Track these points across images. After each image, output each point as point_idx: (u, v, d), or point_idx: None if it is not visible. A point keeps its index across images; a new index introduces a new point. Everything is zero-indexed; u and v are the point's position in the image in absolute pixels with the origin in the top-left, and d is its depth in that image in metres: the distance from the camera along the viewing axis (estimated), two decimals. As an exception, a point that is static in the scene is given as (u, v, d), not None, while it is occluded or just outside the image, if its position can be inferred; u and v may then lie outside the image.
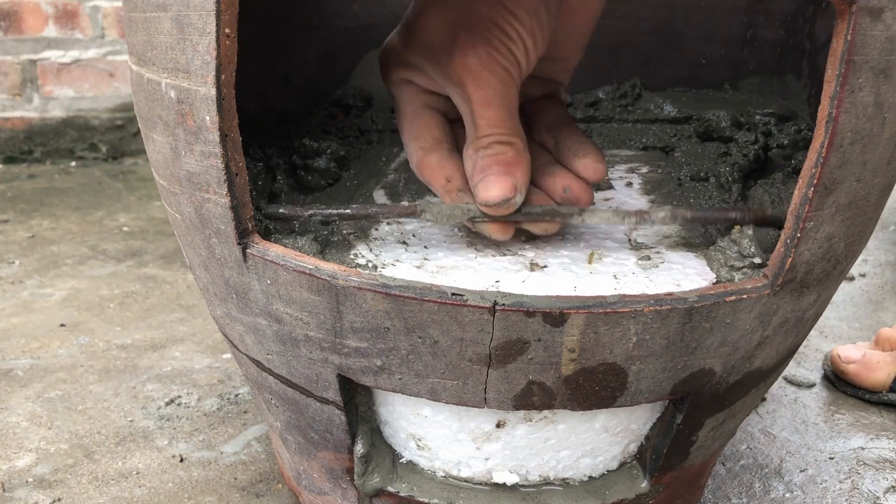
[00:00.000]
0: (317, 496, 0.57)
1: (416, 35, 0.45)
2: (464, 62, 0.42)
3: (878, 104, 0.38)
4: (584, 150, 0.47)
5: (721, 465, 0.69)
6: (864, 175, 0.40)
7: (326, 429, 0.50)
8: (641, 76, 0.79)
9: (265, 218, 0.47)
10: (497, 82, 0.43)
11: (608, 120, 0.76)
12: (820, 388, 0.83)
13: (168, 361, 0.86)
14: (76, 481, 0.65)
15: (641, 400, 0.45)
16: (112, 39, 1.69)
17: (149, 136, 0.46)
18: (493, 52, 0.42)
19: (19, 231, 1.28)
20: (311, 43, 0.74)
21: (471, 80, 0.43)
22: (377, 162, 0.64)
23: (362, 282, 0.41)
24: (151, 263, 1.15)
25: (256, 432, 0.73)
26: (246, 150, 0.45)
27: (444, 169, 0.47)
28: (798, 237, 0.40)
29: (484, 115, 0.43)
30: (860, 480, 0.67)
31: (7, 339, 0.90)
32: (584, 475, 0.51)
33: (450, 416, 0.48)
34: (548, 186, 0.47)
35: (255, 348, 0.49)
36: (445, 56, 0.44)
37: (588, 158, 0.46)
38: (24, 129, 1.68)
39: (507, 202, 0.43)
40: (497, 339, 0.41)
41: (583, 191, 0.46)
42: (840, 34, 0.36)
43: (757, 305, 0.43)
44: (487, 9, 0.42)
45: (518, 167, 0.43)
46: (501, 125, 0.43)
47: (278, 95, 0.72)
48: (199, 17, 0.38)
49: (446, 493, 0.50)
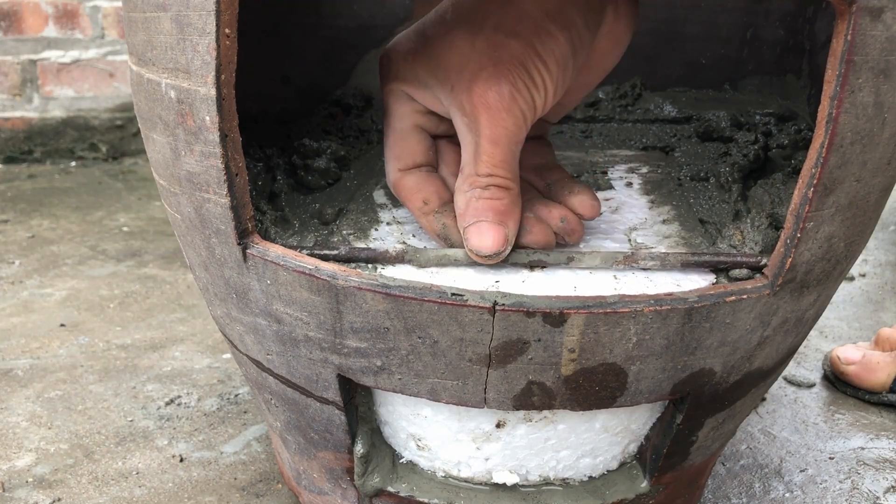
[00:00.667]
0: (317, 496, 0.57)
1: (434, 51, 0.44)
2: (484, 96, 0.42)
3: (878, 104, 0.38)
4: (579, 189, 0.47)
5: (721, 465, 0.69)
6: (864, 175, 0.40)
7: (326, 429, 0.50)
8: (641, 76, 0.79)
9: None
10: (512, 124, 0.42)
11: (608, 120, 0.76)
12: (820, 388, 0.83)
13: (168, 361, 0.86)
14: (76, 481, 0.65)
15: (641, 400, 0.45)
16: (112, 39, 1.69)
17: (149, 136, 0.46)
18: (515, 94, 0.42)
19: (19, 231, 1.28)
20: (311, 43, 0.74)
21: (485, 116, 0.42)
22: (377, 162, 0.64)
23: (362, 282, 0.41)
24: (151, 263, 1.15)
25: (256, 432, 0.73)
26: (246, 150, 0.45)
27: (421, 191, 0.47)
28: (798, 237, 0.40)
29: (489, 153, 0.43)
30: (860, 480, 0.67)
31: (7, 339, 0.90)
32: (584, 475, 0.51)
33: (450, 416, 0.48)
34: (543, 215, 0.47)
35: (255, 348, 0.49)
36: (463, 83, 0.42)
37: (584, 195, 0.47)
38: (24, 129, 1.68)
39: (498, 255, 0.43)
40: (497, 339, 0.41)
41: (578, 224, 0.47)
42: (840, 34, 0.36)
43: (757, 305, 0.43)
44: (520, 49, 0.42)
45: (511, 217, 0.43)
46: (503, 166, 0.43)
47: (278, 95, 0.72)
48: (199, 17, 0.38)
49: (446, 494, 0.50)
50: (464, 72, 0.42)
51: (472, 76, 0.42)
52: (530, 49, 0.42)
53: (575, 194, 0.47)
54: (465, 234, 0.43)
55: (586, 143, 0.72)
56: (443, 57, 0.44)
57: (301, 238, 0.48)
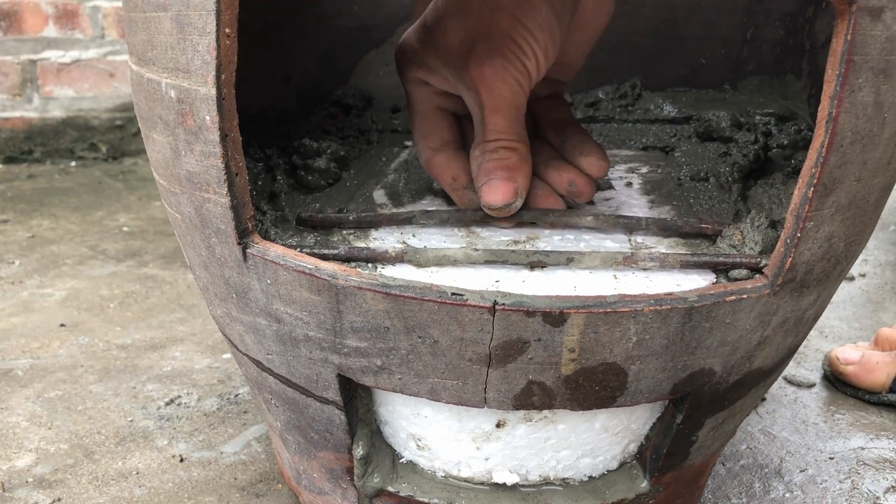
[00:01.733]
0: (317, 496, 0.57)
1: (435, 38, 0.48)
2: (480, 70, 0.46)
3: (878, 104, 0.38)
4: (589, 149, 0.50)
5: (721, 465, 0.69)
6: (864, 175, 0.40)
7: (326, 429, 0.50)
8: (641, 76, 0.79)
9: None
10: (508, 92, 0.46)
11: (608, 120, 0.76)
12: (820, 388, 0.83)
13: (168, 361, 0.86)
14: (76, 481, 0.65)
15: (641, 400, 0.45)
16: (112, 39, 1.69)
17: (149, 136, 0.46)
18: (506, 65, 0.46)
19: (19, 231, 1.28)
20: (311, 43, 0.74)
21: (484, 88, 0.46)
22: (377, 162, 0.64)
23: (362, 281, 0.41)
24: (151, 263, 1.15)
25: (256, 432, 0.73)
26: (246, 150, 0.45)
27: (450, 168, 0.51)
28: (798, 237, 0.41)
29: (493, 121, 0.47)
30: (860, 480, 0.67)
31: (7, 339, 0.90)
32: (584, 475, 0.51)
33: (450, 416, 0.48)
34: (553, 180, 0.51)
35: (255, 348, 0.49)
36: (462, 61, 0.47)
37: (593, 156, 0.50)
38: (24, 129, 1.68)
39: (508, 206, 0.47)
40: (497, 338, 0.41)
41: (586, 185, 0.50)
42: (840, 34, 0.36)
43: (757, 305, 0.43)
44: (506, 23, 0.46)
45: (520, 172, 0.47)
46: (507, 131, 0.47)
47: (278, 95, 0.72)
48: (199, 17, 0.38)
49: (446, 493, 0.50)
50: (461, 51, 0.47)
51: (469, 54, 0.46)
52: (516, 22, 0.46)
53: (585, 155, 0.50)
54: (480, 193, 0.47)
55: (586, 143, 0.72)
56: (442, 41, 0.48)
57: (301, 238, 0.48)
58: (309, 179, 0.57)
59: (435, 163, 0.51)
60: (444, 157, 0.51)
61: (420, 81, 0.51)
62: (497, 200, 0.46)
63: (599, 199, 0.56)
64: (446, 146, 0.51)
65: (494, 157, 0.47)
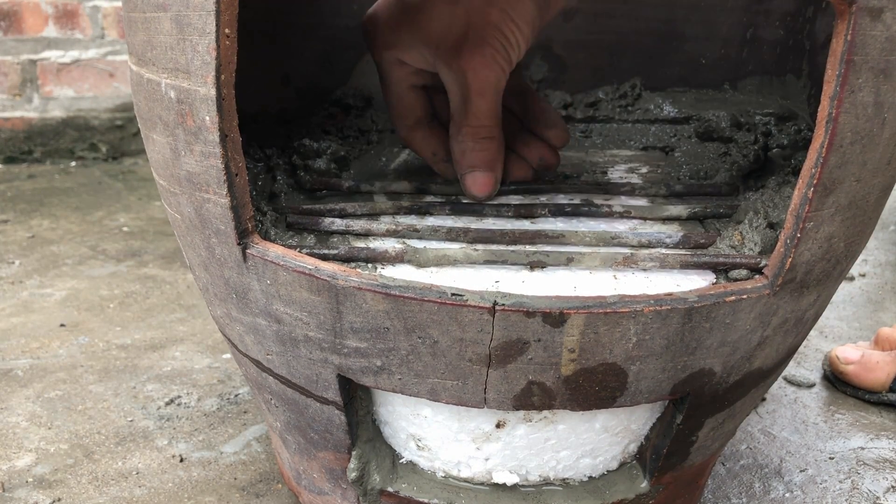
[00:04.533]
0: (317, 496, 0.57)
1: (416, 17, 0.51)
2: (471, 58, 0.50)
3: (878, 104, 0.38)
4: (552, 120, 0.57)
5: (721, 465, 0.69)
6: (864, 175, 0.40)
7: (326, 429, 0.50)
8: (641, 76, 0.79)
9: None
10: (494, 77, 0.51)
11: (608, 120, 0.76)
12: (820, 388, 0.83)
13: (168, 361, 0.86)
14: (76, 481, 0.65)
15: (641, 400, 0.45)
16: (112, 39, 1.69)
17: (149, 136, 0.46)
18: (495, 55, 0.51)
19: (19, 231, 1.28)
20: (311, 43, 0.74)
21: (472, 73, 0.51)
22: (377, 162, 0.64)
23: (362, 282, 0.41)
24: (151, 263, 1.15)
25: (256, 432, 0.73)
26: (246, 150, 0.45)
27: (429, 145, 0.57)
28: (798, 237, 0.40)
29: (477, 104, 0.51)
30: (860, 480, 0.67)
31: (7, 339, 0.90)
32: (584, 475, 0.51)
33: (450, 416, 0.48)
34: (524, 153, 0.57)
35: (254, 348, 0.49)
36: (449, 45, 0.51)
37: (557, 128, 0.56)
38: (24, 129, 1.68)
39: (489, 196, 0.54)
40: (497, 339, 0.41)
41: (554, 157, 0.57)
42: (840, 34, 0.36)
43: (757, 305, 0.43)
44: (497, 16, 0.50)
45: (499, 162, 0.54)
46: (489, 115, 0.52)
47: (278, 95, 0.72)
48: (199, 18, 0.38)
49: (446, 494, 0.50)
50: (448, 35, 0.51)
51: (458, 40, 0.50)
52: (506, 15, 0.50)
53: (549, 127, 0.56)
54: (463, 181, 0.54)
55: (586, 143, 0.72)
56: (424, 23, 0.51)
57: (301, 238, 0.48)
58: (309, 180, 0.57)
59: (414, 139, 0.57)
60: (421, 135, 0.56)
61: (396, 61, 0.54)
62: (481, 194, 0.53)
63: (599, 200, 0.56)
64: (420, 123, 0.56)
65: (477, 149, 0.52)
